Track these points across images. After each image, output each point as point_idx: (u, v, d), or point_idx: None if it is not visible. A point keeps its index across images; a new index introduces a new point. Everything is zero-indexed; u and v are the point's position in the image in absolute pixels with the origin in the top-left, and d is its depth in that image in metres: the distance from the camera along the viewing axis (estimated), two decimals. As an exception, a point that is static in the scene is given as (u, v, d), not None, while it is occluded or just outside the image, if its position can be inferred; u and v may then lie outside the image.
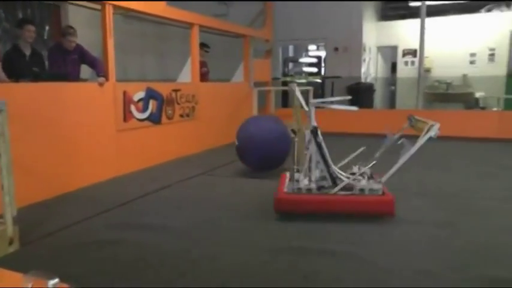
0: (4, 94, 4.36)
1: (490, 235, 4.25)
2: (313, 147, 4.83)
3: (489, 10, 14.30)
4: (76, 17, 8.88)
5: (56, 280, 1.23)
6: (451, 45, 14.24)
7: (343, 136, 10.38)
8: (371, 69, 15.19)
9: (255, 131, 6.69)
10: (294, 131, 5.31)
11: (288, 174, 5.20)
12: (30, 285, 1.27)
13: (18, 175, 4.13)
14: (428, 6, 12.23)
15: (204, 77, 9.77)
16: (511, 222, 4.66)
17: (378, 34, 15.37)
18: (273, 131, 6.69)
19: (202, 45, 9.81)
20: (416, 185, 6.19)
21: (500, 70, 13.64)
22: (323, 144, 4.84)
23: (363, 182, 4.85)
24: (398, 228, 4.47)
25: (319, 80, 15.21)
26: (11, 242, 4.00)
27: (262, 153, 6.51)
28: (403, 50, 15.19)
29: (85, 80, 7.45)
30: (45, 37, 9.07)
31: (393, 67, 16.09)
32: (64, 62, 6.86)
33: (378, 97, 15.32)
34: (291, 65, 16.34)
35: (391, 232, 4.36)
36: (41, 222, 4.71)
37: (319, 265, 3.57)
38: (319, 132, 4.85)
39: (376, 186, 4.84)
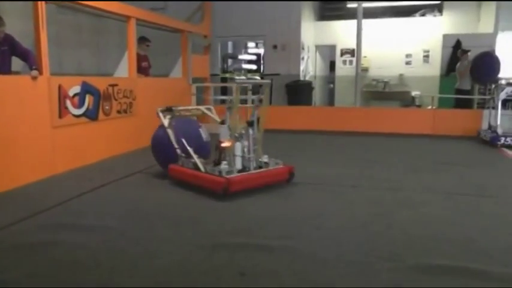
0: None
1: (422, 226, 4.45)
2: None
3: (423, 14, 15.05)
4: (4, 5, 8.48)
5: None
6: (388, 46, 14.91)
7: (281, 132, 10.48)
8: (310, 67, 15.46)
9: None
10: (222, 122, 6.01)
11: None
12: None
13: None
14: (365, 8, 12.66)
15: (145, 71, 9.63)
16: (442, 213, 4.88)
17: (317, 33, 15.69)
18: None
19: (144, 39, 9.67)
20: (351, 180, 6.35)
21: (435, 71, 14.30)
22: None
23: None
24: (334, 221, 4.59)
25: (258, 77, 15.27)
26: None
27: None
28: (341, 50, 15.59)
29: (17, 73, 7.11)
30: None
31: (332, 66, 16.43)
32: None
33: (317, 95, 15.62)
34: (230, 61, 16.33)
35: (327, 225, 4.46)
36: None
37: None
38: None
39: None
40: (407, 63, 14.98)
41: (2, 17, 6.59)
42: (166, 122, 6.39)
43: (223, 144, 5.68)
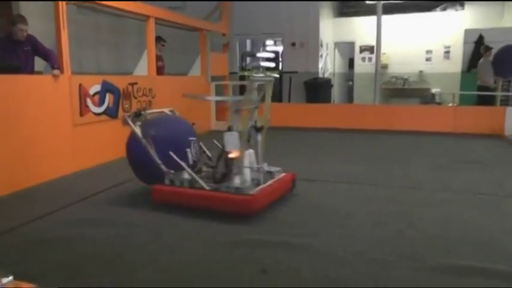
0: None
1: (443, 225, 4.39)
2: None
3: (444, 9, 14.73)
4: (27, 7, 8.60)
5: (10, 278, 1.20)
6: (408, 42, 14.70)
7: (298, 131, 10.47)
8: (328, 64, 15.38)
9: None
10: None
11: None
12: None
13: None
14: (385, 4, 12.51)
15: (159, 71, 9.67)
16: (464, 212, 4.80)
17: (335, 30, 15.60)
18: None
19: (159, 39, 9.70)
20: (371, 178, 6.31)
21: (455, 67, 14.08)
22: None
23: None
24: (354, 219, 4.56)
25: (276, 75, 15.21)
26: None
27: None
28: (360, 46, 15.48)
29: (39, 73, 7.21)
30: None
31: (351, 63, 16.33)
32: (16, 54, 6.62)
33: (336, 92, 15.54)
34: (248, 59, 16.31)
35: (347, 223, 4.44)
36: None
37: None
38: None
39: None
40: (428, 59, 14.76)
41: (25, 17, 6.69)
42: (138, 130, 5.25)
43: (231, 155, 4.76)
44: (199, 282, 3.21)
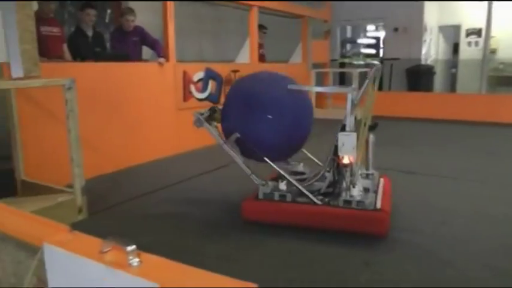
0: (71, 73, 4.52)
1: None
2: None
3: None
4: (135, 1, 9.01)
5: (134, 247, 1.27)
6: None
7: (398, 120, 10.15)
8: (432, 50, 14.71)
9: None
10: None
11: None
12: (107, 250, 1.32)
13: (84, 149, 4.38)
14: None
15: (260, 58, 9.76)
16: None
17: (440, 12, 14.71)
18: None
19: (260, 27, 9.79)
20: (476, 174, 5.89)
21: None
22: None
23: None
24: (460, 218, 4.28)
25: (377, 62, 14.84)
26: (79, 211, 4.28)
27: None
28: (467, 30, 14.49)
29: (146, 61, 7.59)
30: (107, 20, 9.27)
31: (455, 48, 15.48)
32: (125, 43, 7.04)
33: (438, 80, 14.82)
34: (348, 46, 16.07)
35: (452, 221, 4.20)
36: (106, 194, 5.02)
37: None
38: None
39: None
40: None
41: (132, 8, 7.07)
42: (216, 133, 4.37)
43: (344, 161, 3.81)
44: (300, 270, 3.21)
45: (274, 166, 4.06)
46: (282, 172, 4.07)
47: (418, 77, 12.74)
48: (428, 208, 4.54)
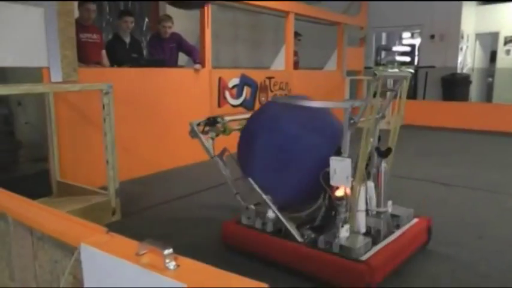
0: (108, 78, 4.62)
1: None
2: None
3: None
4: (173, 8, 9.11)
5: (171, 250, 1.28)
6: None
7: (433, 130, 9.98)
8: (468, 58, 14.40)
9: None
10: None
11: None
12: (144, 252, 1.34)
13: (119, 152, 4.47)
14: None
15: (294, 66, 9.76)
16: None
17: (477, 19, 14.32)
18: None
19: (295, 34, 9.78)
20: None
21: None
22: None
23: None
24: (496, 231, 4.19)
25: (411, 70, 14.64)
26: (113, 212, 4.39)
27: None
28: (505, 37, 14.10)
29: (182, 67, 7.67)
30: (144, 28, 9.43)
31: (492, 56, 15.10)
32: (162, 49, 7.12)
33: (474, 89, 14.49)
34: (383, 53, 15.90)
35: (489, 235, 4.11)
36: (139, 197, 5.14)
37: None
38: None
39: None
40: None
41: (169, 15, 7.17)
42: (210, 145, 4.11)
43: (338, 193, 3.07)
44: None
45: (257, 189, 3.42)
46: (264, 197, 3.39)
47: (454, 86, 12.50)
48: (465, 220, 4.45)
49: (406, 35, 16.30)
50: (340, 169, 2.97)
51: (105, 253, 1.40)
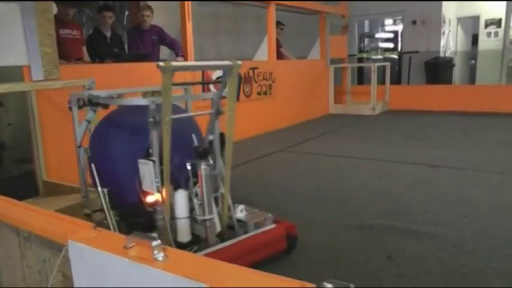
0: (90, 74, 4.55)
1: None
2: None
3: None
4: (153, 2, 9.08)
5: (159, 241, 1.27)
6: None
7: (418, 114, 10.06)
8: (450, 42, 14.52)
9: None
10: None
11: None
12: (131, 245, 1.34)
13: None
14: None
15: (279, 55, 9.76)
16: None
17: (459, 3, 14.46)
18: None
19: (277, 23, 9.76)
20: (496, 165, 5.79)
21: None
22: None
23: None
24: (482, 209, 4.25)
25: (395, 56, 14.79)
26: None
27: None
28: (486, 20, 14.27)
29: (164, 60, 7.63)
30: (125, 22, 9.36)
31: (474, 39, 15.25)
32: (142, 42, 7.08)
33: (457, 72, 14.62)
34: (366, 40, 15.96)
35: (474, 213, 4.16)
36: None
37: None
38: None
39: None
40: None
41: (149, 5, 7.16)
42: (80, 130, 3.70)
43: (148, 199, 2.86)
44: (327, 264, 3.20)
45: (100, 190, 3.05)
46: (102, 200, 3.04)
47: (437, 70, 12.62)
48: (451, 200, 4.50)
49: (388, 21, 16.38)
50: (147, 173, 2.77)
51: (94, 248, 1.39)
